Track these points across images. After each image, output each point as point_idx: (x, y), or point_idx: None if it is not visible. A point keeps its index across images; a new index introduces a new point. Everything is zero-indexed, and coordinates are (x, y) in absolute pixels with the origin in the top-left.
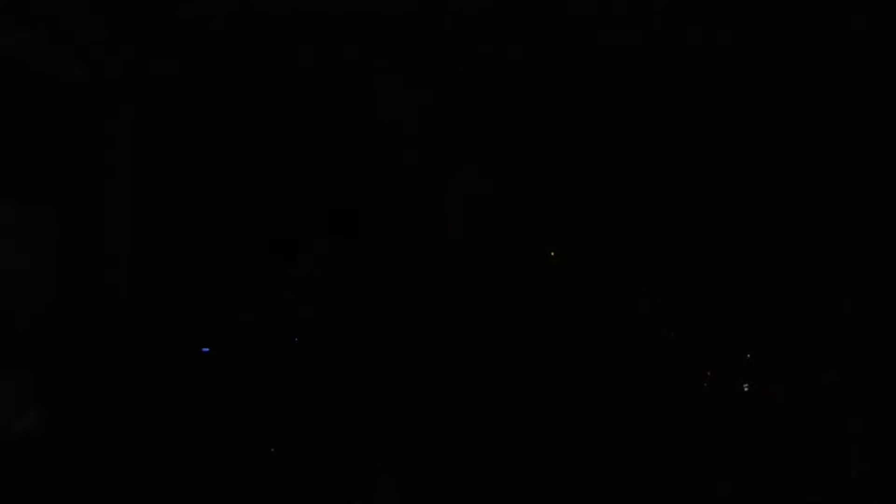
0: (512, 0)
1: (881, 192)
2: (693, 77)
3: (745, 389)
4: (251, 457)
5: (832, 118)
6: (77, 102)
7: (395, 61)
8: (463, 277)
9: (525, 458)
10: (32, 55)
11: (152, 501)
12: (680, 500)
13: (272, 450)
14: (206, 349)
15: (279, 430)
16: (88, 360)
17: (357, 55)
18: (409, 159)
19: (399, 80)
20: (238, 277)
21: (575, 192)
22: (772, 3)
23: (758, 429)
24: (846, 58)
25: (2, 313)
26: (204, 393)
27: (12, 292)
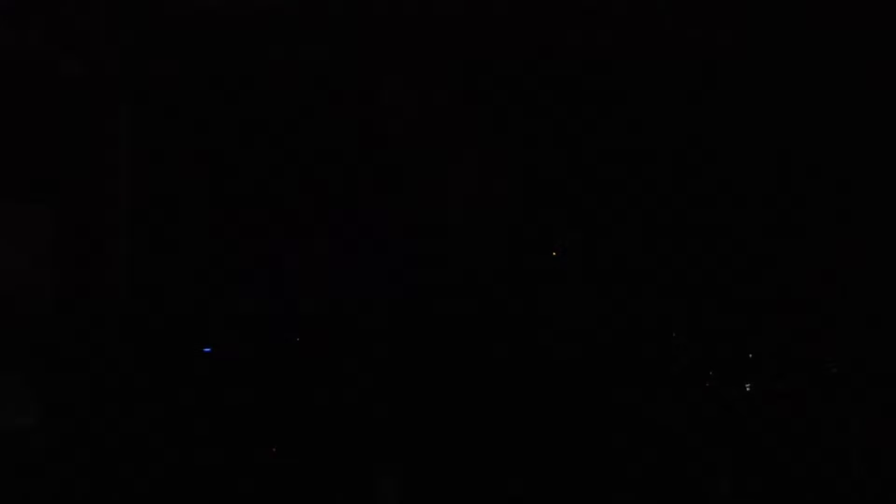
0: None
1: (882, 191)
2: (694, 77)
3: (747, 389)
4: (252, 456)
5: (832, 118)
6: (77, 101)
7: (395, 61)
8: (464, 277)
9: (526, 457)
10: (32, 53)
11: (152, 500)
12: (682, 498)
13: (273, 449)
14: (208, 349)
15: (280, 429)
16: (88, 359)
17: (357, 55)
18: (409, 159)
19: (399, 80)
20: (238, 277)
21: (576, 192)
22: (772, 3)
23: (759, 427)
24: (846, 58)
25: (1, 312)
26: (204, 392)
27: (12, 291)
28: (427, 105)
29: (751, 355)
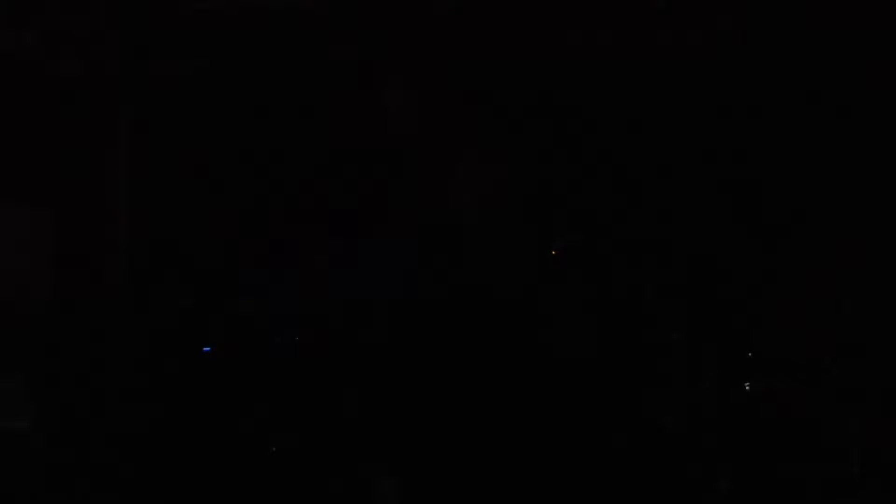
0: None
1: (882, 191)
2: (694, 77)
3: (747, 388)
4: (251, 456)
5: (832, 118)
6: (77, 101)
7: (395, 61)
8: (464, 277)
9: (526, 457)
10: (32, 53)
11: (152, 500)
12: (682, 497)
13: (273, 449)
14: (208, 349)
15: (279, 430)
16: (88, 360)
17: (357, 55)
18: (409, 159)
19: (399, 79)
20: (238, 277)
21: (577, 193)
22: (772, 4)
23: (759, 427)
24: (846, 58)
25: (1, 312)
26: (204, 392)
27: (11, 292)
28: (427, 105)
29: (750, 355)
